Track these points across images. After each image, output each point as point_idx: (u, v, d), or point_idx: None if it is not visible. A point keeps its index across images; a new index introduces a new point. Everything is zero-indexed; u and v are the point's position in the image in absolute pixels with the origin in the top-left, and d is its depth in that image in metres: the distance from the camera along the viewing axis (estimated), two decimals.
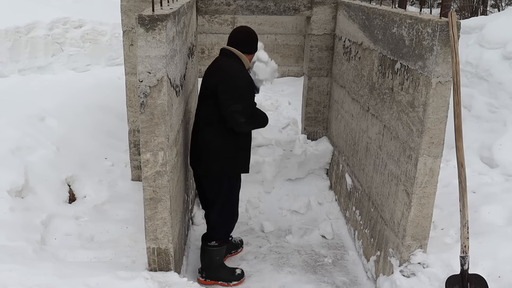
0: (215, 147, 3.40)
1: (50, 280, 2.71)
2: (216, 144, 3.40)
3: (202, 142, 3.45)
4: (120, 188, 4.59)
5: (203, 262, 3.67)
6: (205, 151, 3.44)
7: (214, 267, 3.65)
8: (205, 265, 3.66)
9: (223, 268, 3.69)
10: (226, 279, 3.63)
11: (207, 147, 3.42)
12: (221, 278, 3.63)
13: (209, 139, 3.41)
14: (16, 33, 6.22)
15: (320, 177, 5.18)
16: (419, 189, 2.96)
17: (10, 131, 4.38)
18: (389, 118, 3.37)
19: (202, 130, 3.47)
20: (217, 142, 3.40)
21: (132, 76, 4.41)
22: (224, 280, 3.63)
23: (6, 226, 3.41)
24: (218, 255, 3.66)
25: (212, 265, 3.65)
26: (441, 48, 2.66)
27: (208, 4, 4.73)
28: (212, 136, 3.40)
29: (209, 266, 3.65)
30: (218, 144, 3.40)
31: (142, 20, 2.60)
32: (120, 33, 5.52)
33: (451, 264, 3.03)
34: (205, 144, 3.43)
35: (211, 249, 3.63)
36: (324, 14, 4.84)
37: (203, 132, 3.45)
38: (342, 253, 4.06)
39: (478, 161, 4.55)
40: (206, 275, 3.64)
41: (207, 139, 3.42)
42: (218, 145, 3.40)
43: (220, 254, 3.68)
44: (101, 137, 5.23)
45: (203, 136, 3.45)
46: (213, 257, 3.64)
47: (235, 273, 3.67)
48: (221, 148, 3.41)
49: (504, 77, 5.00)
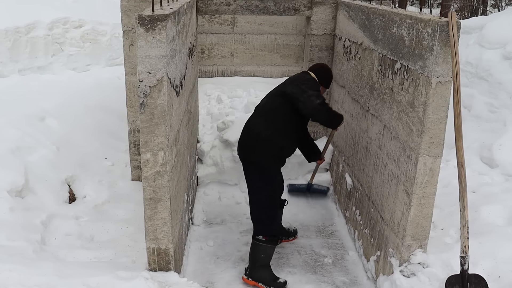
0: (268, 137, 3.50)
1: (50, 280, 2.71)
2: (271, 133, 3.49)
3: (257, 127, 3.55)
4: (120, 188, 4.60)
5: (250, 258, 3.64)
6: (257, 139, 3.52)
7: (258, 265, 3.60)
8: (251, 262, 3.63)
9: (267, 270, 3.63)
10: (267, 283, 3.59)
11: (260, 134, 3.51)
12: (263, 281, 3.58)
13: (263, 129, 3.51)
14: (16, 33, 6.22)
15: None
16: (419, 189, 2.95)
17: (10, 131, 4.38)
18: (389, 118, 3.37)
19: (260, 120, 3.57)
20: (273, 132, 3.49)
21: (132, 76, 4.41)
22: (264, 283, 3.58)
23: (6, 226, 3.41)
24: (263, 253, 3.59)
25: (257, 262, 3.60)
26: (441, 48, 2.66)
27: (208, 4, 4.73)
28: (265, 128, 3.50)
29: (255, 263, 3.60)
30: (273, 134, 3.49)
31: (142, 20, 2.60)
32: (120, 33, 5.52)
33: (451, 264, 3.03)
34: (261, 130, 3.52)
35: (258, 243, 3.57)
36: (324, 14, 4.85)
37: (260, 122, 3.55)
38: (342, 253, 4.06)
39: (478, 161, 4.55)
40: (250, 273, 3.62)
41: (263, 126, 3.52)
42: (272, 135, 3.50)
43: (266, 253, 3.60)
44: (101, 137, 5.23)
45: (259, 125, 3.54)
46: (258, 253, 3.59)
47: (278, 280, 3.61)
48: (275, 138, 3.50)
49: (504, 77, 5.00)
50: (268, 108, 3.58)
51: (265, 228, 3.58)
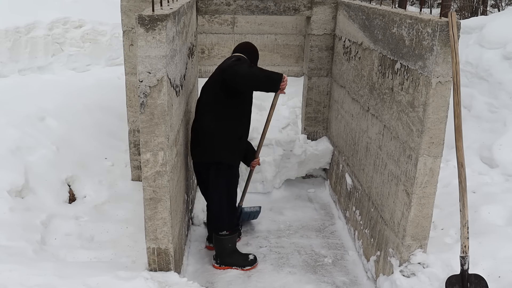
0: (213, 131, 3.52)
1: (50, 280, 2.71)
2: (214, 128, 3.52)
3: (200, 127, 3.59)
4: (120, 188, 4.60)
5: (217, 249, 3.80)
6: (204, 136, 3.57)
7: (227, 253, 3.77)
8: (219, 252, 3.79)
9: (236, 253, 3.82)
10: (240, 264, 3.77)
11: (204, 132, 3.55)
12: (235, 264, 3.77)
13: (207, 124, 3.54)
14: (16, 33, 6.22)
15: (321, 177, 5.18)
16: (419, 189, 2.95)
17: (10, 131, 4.38)
18: (389, 118, 3.37)
19: (200, 117, 3.61)
20: (214, 126, 3.52)
21: (132, 76, 4.41)
22: (238, 265, 3.77)
23: (6, 226, 3.41)
24: (230, 243, 3.79)
25: (225, 251, 3.77)
26: (441, 48, 2.66)
27: (208, 4, 4.73)
28: (209, 121, 3.53)
29: (222, 252, 3.78)
30: (215, 128, 3.52)
31: (142, 20, 2.60)
32: (120, 33, 5.52)
33: (451, 264, 3.03)
34: (203, 129, 3.56)
35: (223, 238, 3.76)
36: (324, 14, 4.85)
37: (202, 119, 3.59)
38: (342, 253, 4.06)
39: (478, 161, 4.55)
40: (221, 261, 3.78)
41: (205, 124, 3.56)
42: (215, 129, 3.52)
43: (232, 241, 3.81)
44: (101, 137, 5.23)
45: (201, 122, 3.58)
46: (225, 244, 3.77)
47: (248, 258, 3.81)
48: (218, 132, 3.53)
49: (504, 77, 5.00)
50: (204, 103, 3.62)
51: (228, 224, 3.77)
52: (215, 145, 3.55)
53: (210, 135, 3.54)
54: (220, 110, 3.53)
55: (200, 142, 3.61)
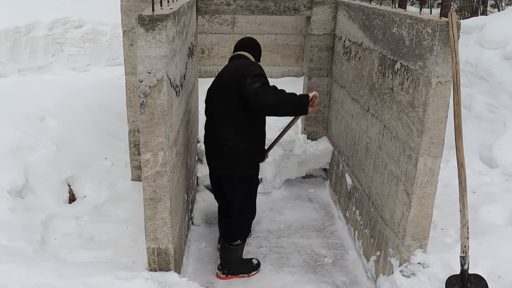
0: (234, 145, 3.42)
1: (50, 280, 2.70)
2: (235, 142, 3.41)
3: (220, 141, 3.44)
4: (120, 188, 4.60)
5: (225, 260, 3.71)
6: (225, 151, 3.45)
7: (236, 262, 3.71)
8: (227, 262, 3.70)
9: (243, 262, 3.76)
10: (246, 271, 3.74)
11: (225, 146, 3.43)
12: (242, 272, 3.73)
13: (227, 137, 3.41)
14: (16, 33, 6.22)
15: (321, 177, 5.18)
16: (419, 189, 2.95)
17: (10, 131, 4.38)
18: (389, 118, 3.37)
19: (218, 130, 3.45)
20: (236, 140, 3.41)
21: (132, 76, 4.41)
22: (245, 272, 3.73)
23: (6, 226, 3.41)
24: (240, 252, 3.74)
25: (235, 259, 3.71)
26: (441, 48, 2.66)
27: (208, 4, 4.73)
28: (230, 135, 3.40)
29: (232, 261, 3.70)
30: (236, 142, 3.42)
31: (142, 20, 2.60)
32: (120, 33, 5.52)
33: (451, 264, 3.03)
34: (223, 143, 3.43)
35: (236, 247, 3.69)
36: (324, 14, 4.84)
37: (221, 133, 3.43)
38: (342, 253, 4.06)
39: (478, 161, 4.55)
40: (228, 271, 3.71)
41: (225, 138, 3.42)
42: (236, 143, 3.42)
43: (242, 250, 3.76)
44: (101, 137, 5.23)
45: (221, 136, 3.43)
46: (236, 254, 3.71)
47: (253, 263, 3.78)
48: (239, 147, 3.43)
49: (504, 77, 5.00)
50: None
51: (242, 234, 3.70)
52: (237, 159, 3.47)
53: (231, 150, 3.43)
54: (239, 124, 3.40)
55: (221, 157, 3.50)
